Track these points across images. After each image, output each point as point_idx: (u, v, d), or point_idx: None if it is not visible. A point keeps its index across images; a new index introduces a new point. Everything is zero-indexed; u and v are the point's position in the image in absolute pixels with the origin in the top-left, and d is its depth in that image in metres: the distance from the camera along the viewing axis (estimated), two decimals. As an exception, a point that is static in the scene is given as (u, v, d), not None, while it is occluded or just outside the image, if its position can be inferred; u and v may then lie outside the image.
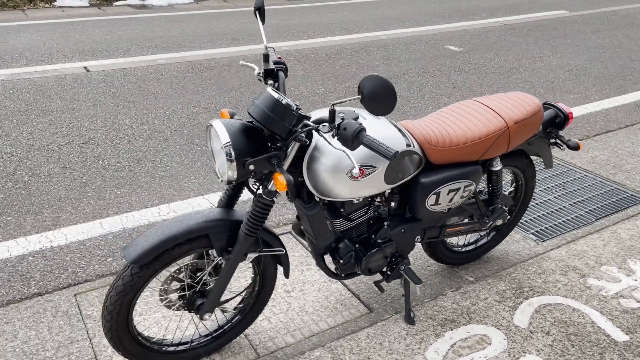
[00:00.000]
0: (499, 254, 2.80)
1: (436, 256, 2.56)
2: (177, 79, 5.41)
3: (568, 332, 2.24)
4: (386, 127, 1.93)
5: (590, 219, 3.12)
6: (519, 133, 2.23)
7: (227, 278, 1.91)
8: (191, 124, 4.35)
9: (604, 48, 6.97)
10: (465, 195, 2.20)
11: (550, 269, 2.66)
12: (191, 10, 8.88)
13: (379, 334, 2.24)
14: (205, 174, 3.59)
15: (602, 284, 2.55)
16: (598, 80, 5.68)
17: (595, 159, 3.89)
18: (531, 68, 6.06)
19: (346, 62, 6.14)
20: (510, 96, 2.32)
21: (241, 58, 6.13)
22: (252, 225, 1.82)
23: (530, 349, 2.16)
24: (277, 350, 2.19)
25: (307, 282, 2.59)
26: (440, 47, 6.87)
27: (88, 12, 8.54)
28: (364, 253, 2.11)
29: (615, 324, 2.30)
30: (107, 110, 4.58)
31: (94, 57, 6.04)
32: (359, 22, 8.12)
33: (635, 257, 2.75)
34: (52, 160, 3.71)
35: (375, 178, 1.89)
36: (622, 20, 8.67)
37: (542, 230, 3.02)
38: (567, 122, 2.41)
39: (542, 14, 9.02)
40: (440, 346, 2.17)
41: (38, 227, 2.97)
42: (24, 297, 2.46)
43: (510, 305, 2.40)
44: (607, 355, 2.13)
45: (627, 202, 3.30)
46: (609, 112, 4.81)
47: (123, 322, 1.84)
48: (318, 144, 1.83)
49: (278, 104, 1.65)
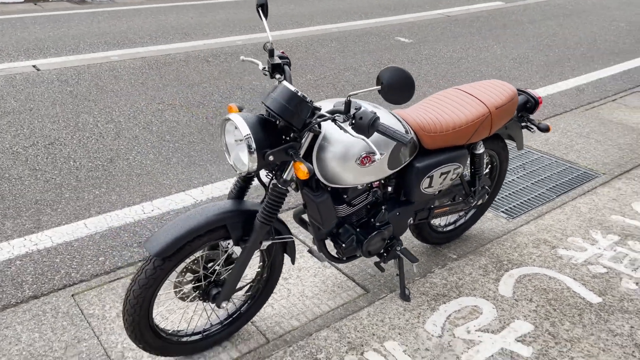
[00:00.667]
0: (475, 233, 3.00)
1: (422, 237, 2.73)
2: (135, 75, 5.32)
3: (548, 298, 2.47)
4: (388, 116, 2.05)
5: (552, 196, 3.39)
6: (500, 118, 2.41)
7: (244, 266, 1.98)
8: (159, 121, 4.32)
9: (542, 37, 7.41)
10: (454, 177, 2.37)
11: (523, 242, 2.88)
12: (135, 4, 8.66)
13: (379, 311, 2.37)
14: (182, 170, 3.60)
15: (571, 253, 2.80)
16: (540, 68, 6.06)
17: (547, 140, 4.19)
18: (478, 57, 6.38)
19: (302, 55, 6.23)
20: (489, 84, 2.50)
21: (197, 53, 6.10)
22: (268, 214, 1.90)
23: (517, 315, 2.36)
24: (285, 333, 2.28)
25: (302, 268, 2.69)
26: (391, 38, 7.09)
27: (24, 9, 8.16)
28: (364, 236, 2.23)
29: (588, 287, 2.54)
30: (67, 109, 4.46)
31: (42, 55, 5.82)
32: (309, 15, 8.22)
33: (596, 228, 3.02)
34: (20, 162, 3.60)
35: (380, 164, 2.01)
36: (555, 11, 9.22)
37: (510, 208, 3.26)
38: (537, 107, 2.63)
39: (481, 5, 9.44)
40: (437, 319, 2.34)
41: (19, 231, 2.90)
42: (20, 301, 2.42)
43: (494, 278, 2.60)
44: (585, 315, 2.36)
45: (582, 179, 3.60)
46: (554, 97, 5.17)
47: (145, 315, 1.87)
48: (326, 134, 1.92)
49: (295, 96, 1.74)
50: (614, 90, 5.36)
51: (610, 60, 6.39)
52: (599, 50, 6.82)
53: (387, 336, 2.23)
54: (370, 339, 2.21)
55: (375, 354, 2.14)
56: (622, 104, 4.98)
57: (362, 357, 2.12)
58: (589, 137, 4.25)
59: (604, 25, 8.20)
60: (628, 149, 4.05)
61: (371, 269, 2.68)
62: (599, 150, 4.02)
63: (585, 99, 5.11)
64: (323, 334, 2.25)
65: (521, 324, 2.30)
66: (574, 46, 6.99)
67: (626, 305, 2.42)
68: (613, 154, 3.97)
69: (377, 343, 2.19)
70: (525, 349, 2.17)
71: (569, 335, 2.25)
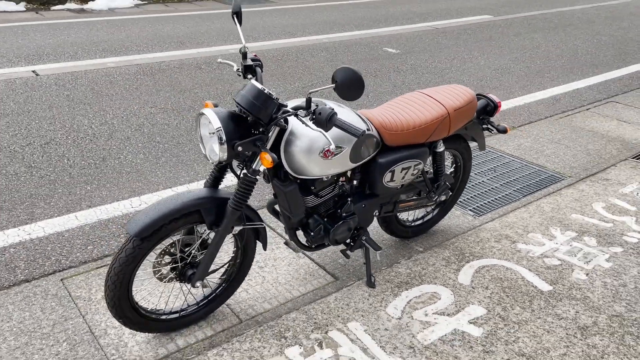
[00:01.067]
0: (443, 228, 3.20)
1: (391, 230, 2.92)
2: (130, 81, 5.54)
3: (503, 286, 2.66)
4: (349, 114, 2.26)
5: (518, 197, 3.60)
6: (458, 119, 2.62)
7: (216, 249, 2.18)
8: (150, 124, 4.53)
9: (525, 49, 7.66)
10: (415, 173, 2.57)
11: (486, 237, 3.08)
12: (133, 14, 8.92)
13: (345, 297, 2.56)
14: (170, 169, 3.80)
15: (529, 247, 3.00)
16: (521, 78, 6.30)
17: (520, 146, 4.40)
18: (462, 68, 6.62)
19: (292, 64, 6.46)
20: (450, 88, 2.72)
21: (190, 61, 6.33)
22: (238, 200, 2.10)
23: (472, 300, 2.55)
24: (257, 315, 2.47)
25: (277, 258, 2.88)
26: (379, 49, 7.33)
27: (25, 17, 8.41)
28: (331, 225, 2.43)
29: (541, 277, 2.74)
30: (63, 112, 4.67)
31: (41, 61, 6.04)
32: (301, 27, 8.47)
33: (556, 225, 3.22)
34: (17, 160, 3.80)
35: (342, 157, 2.22)
36: (541, 24, 9.49)
37: (478, 207, 3.46)
38: (497, 110, 2.84)
39: (470, 19, 9.72)
40: (398, 303, 2.53)
41: (14, 222, 3.10)
42: (13, 284, 2.61)
43: (455, 268, 2.80)
44: (535, 301, 2.56)
45: (549, 181, 3.81)
46: (530, 106, 5.39)
47: (124, 291, 2.06)
48: (293, 129, 2.13)
49: (261, 93, 1.94)
50: (589, 100, 5.59)
51: (589, 72, 6.63)
52: (579, 62, 7.06)
53: (350, 318, 2.42)
54: (335, 320, 2.40)
55: (338, 333, 2.33)
56: (595, 112, 5.20)
57: (326, 335, 2.31)
58: (559, 143, 4.46)
59: (586, 39, 8.46)
60: (596, 154, 4.26)
61: (342, 259, 2.87)
62: (568, 155, 4.23)
63: (560, 108, 5.34)
64: (292, 315, 2.44)
65: (475, 308, 2.49)
66: (556, 58, 7.23)
67: (574, 293, 2.62)
68: (581, 158, 4.18)
69: (340, 323, 2.38)
70: (476, 329, 2.36)
71: (518, 319, 2.44)
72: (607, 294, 2.62)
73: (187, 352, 2.24)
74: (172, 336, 2.32)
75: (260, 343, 2.26)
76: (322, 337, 2.30)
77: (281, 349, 2.23)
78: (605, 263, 2.86)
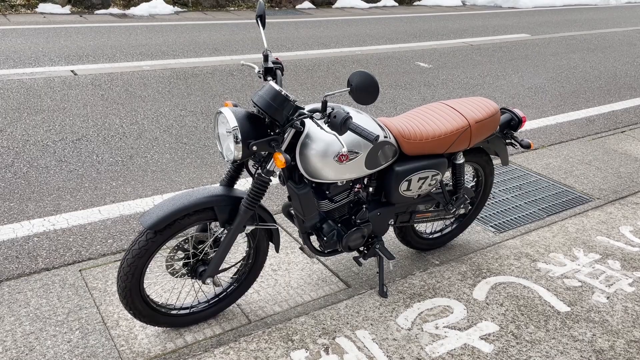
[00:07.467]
0: (462, 242, 3.15)
1: (407, 241, 2.90)
2: (163, 84, 5.67)
3: (519, 304, 2.60)
4: (368, 120, 2.26)
5: (542, 216, 3.52)
6: (479, 131, 2.59)
7: (228, 247, 2.20)
8: (179, 125, 4.62)
9: (562, 69, 7.53)
10: (432, 183, 2.54)
11: (505, 254, 3.02)
12: (172, 21, 9.15)
13: (356, 304, 2.54)
14: (194, 170, 3.86)
15: (550, 267, 2.92)
16: (554, 98, 6.18)
17: (549, 165, 4.31)
18: (494, 85, 6.54)
19: (323, 74, 6.51)
20: (473, 100, 2.69)
21: (223, 67, 6.44)
22: (251, 200, 2.12)
23: (486, 317, 2.50)
24: (266, 317, 2.48)
25: (291, 262, 2.88)
26: (411, 63, 7.32)
27: (70, 19, 8.73)
28: (345, 232, 2.42)
29: (559, 298, 2.66)
30: (97, 110, 4.81)
31: (80, 61, 6.24)
32: (335, 38, 8.53)
33: (579, 247, 3.14)
34: (48, 154, 3.93)
35: (357, 163, 2.22)
36: (580, 45, 9.32)
37: (500, 223, 3.40)
38: (521, 125, 2.80)
39: (506, 37, 9.62)
40: (409, 314, 2.49)
41: (40, 213, 3.19)
42: (33, 272, 2.68)
43: (470, 283, 2.75)
44: (550, 321, 2.49)
45: (576, 202, 3.71)
46: (562, 126, 5.28)
47: (136, 283, 2.10)
48: (309, 132, 2.14)
49: (279, 95, 1.97)
50: (625, 123, 5.45)
51: (627, 95, 6.47)
52: (617, 85, 6.90)
53: (359, 325, 2.40)
54: (343, 326, 2.39)
55: (345, 340, 2.31)
56: (630, 135, 5.06)
57: (333, 341, 2.30)
58: (590, 164, 4.36)
59: (627, 61, 8.26)
60: (627, 177, 4.14)
61: (355, 267, 2.86)
62: (598, 177, 4.12)
63: (593, 129, 5.21)
64: (301, 319, 2.43)
65: (488, 325, 2.44)
66: (593, 79, 7.08)
67: (593, 316, 2.54)
68: (611, 181, 4.06)
69: (349, 331, 2.36)
70: (487, 346, 2.31)
71: (531, 338, 2.37)
72: (627, 319, 2.53)
73: (195, 348, 2.26)
74: (181, 332, 2.35)
75: (267, 344, 2.26)
76: (329, 342, 2.29)
77: (287, 352, 2.22)
78: (628, 287, 2.77)
